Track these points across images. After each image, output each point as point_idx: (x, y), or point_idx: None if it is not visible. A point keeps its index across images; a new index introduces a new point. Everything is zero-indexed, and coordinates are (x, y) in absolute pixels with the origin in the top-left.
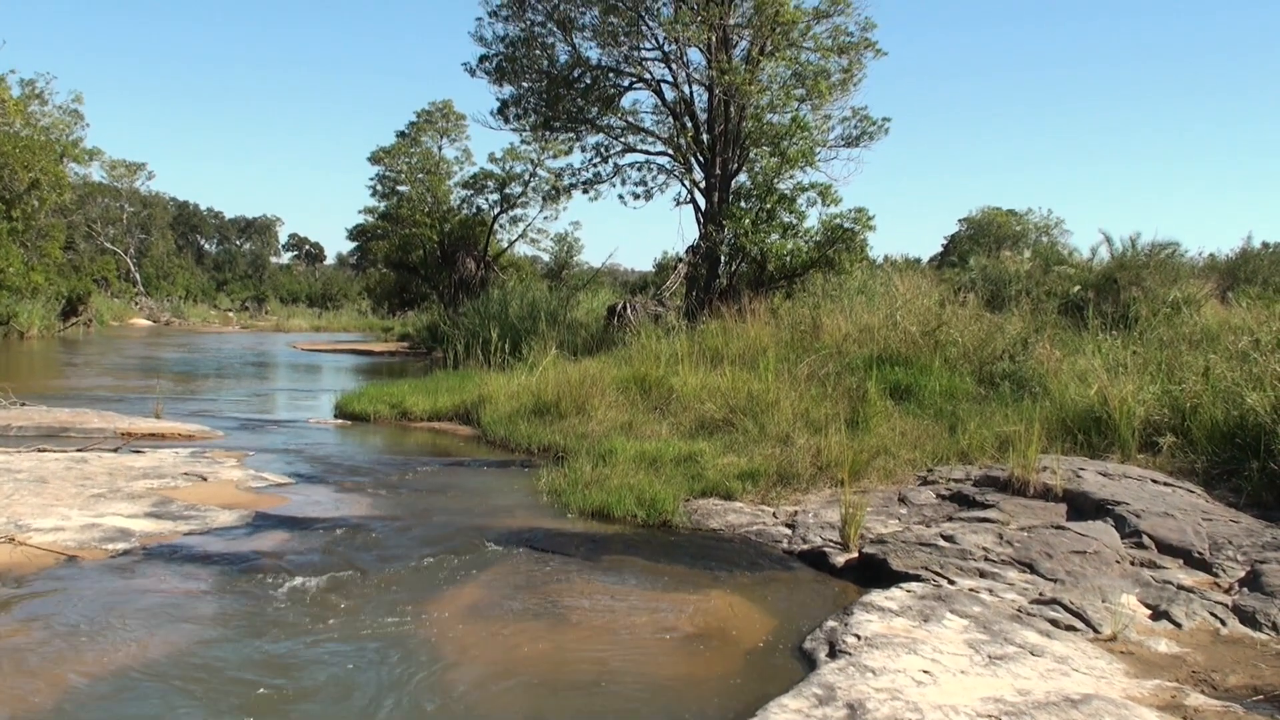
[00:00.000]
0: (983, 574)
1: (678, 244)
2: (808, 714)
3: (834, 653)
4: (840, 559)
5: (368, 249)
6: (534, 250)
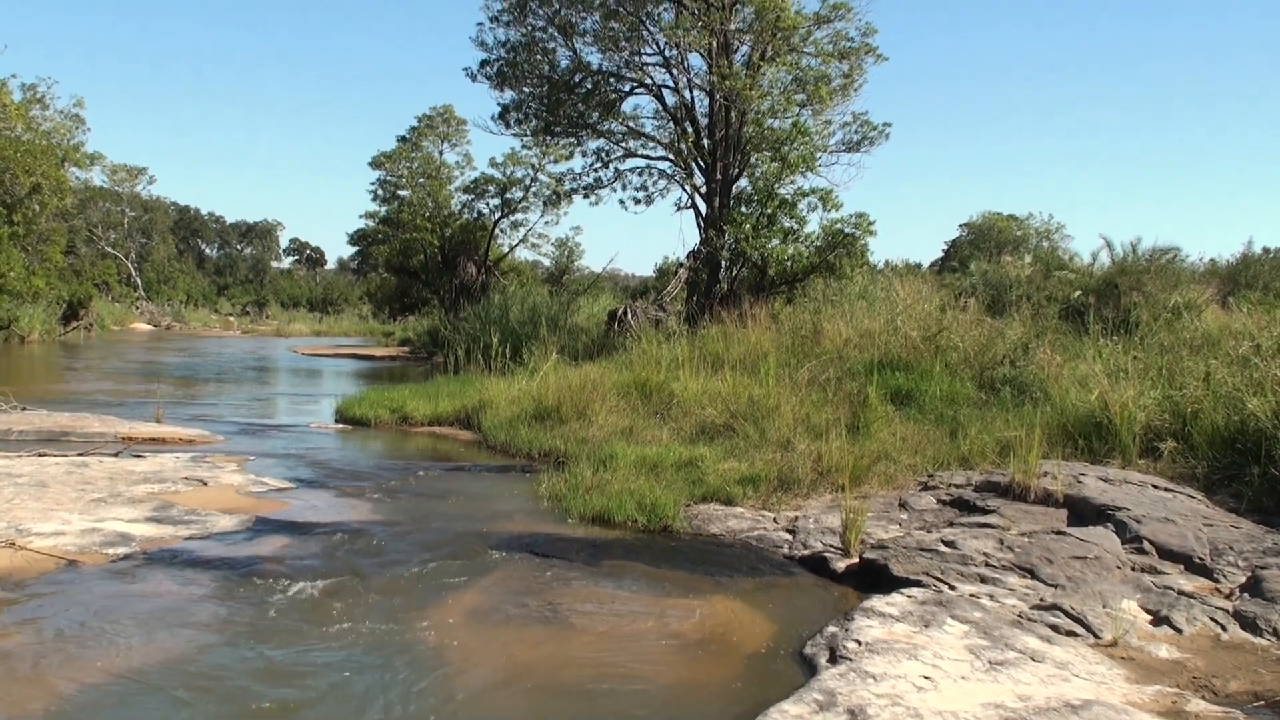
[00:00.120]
0: (983, 579)
1: (678, 249)
2: None
3: (835, 658)
4: (841, 564)
5: (368, 254)
6: (535, 255)
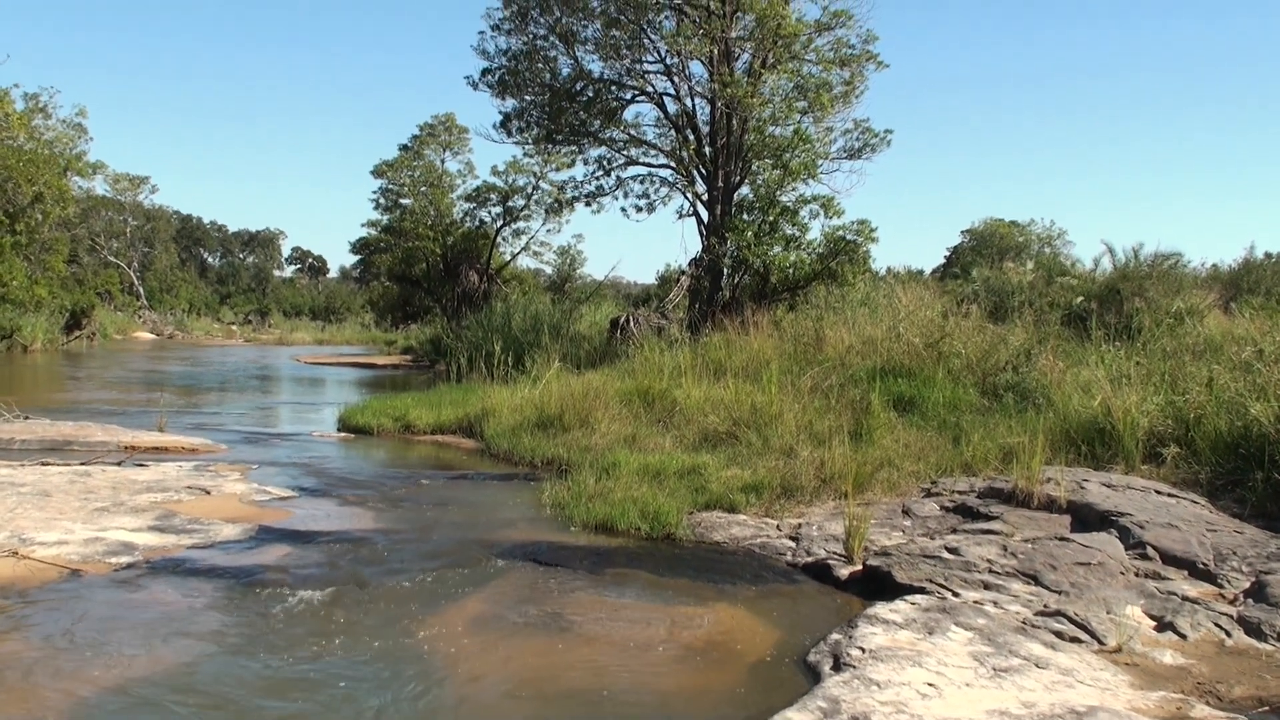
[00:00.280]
0: (987, 586)
1: (680, 257)
2: None
3: (838, 665)
4: (844, 571)
5: (371, 262)
6: (537, 263)
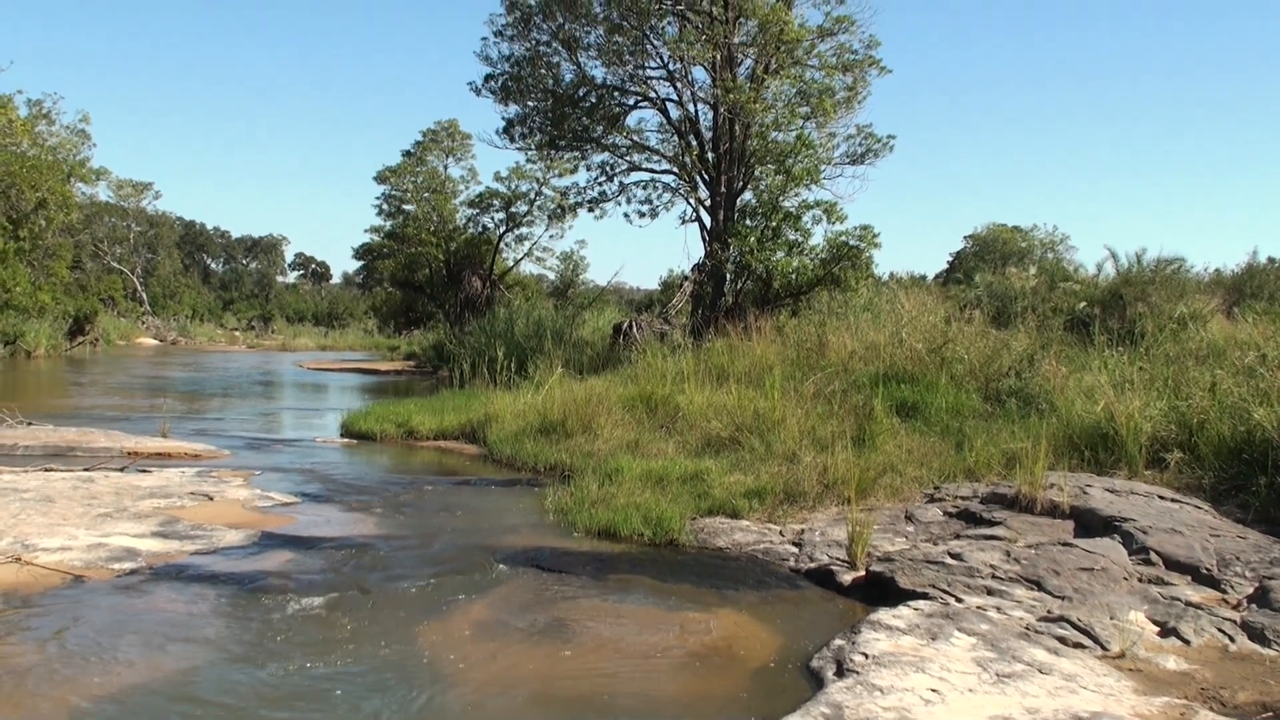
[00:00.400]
0: (990, 591)
1: (683, 262)
2: None
3: (842, 671)
4: (847, 577)
5: (374, 268)
6: (540, 269)
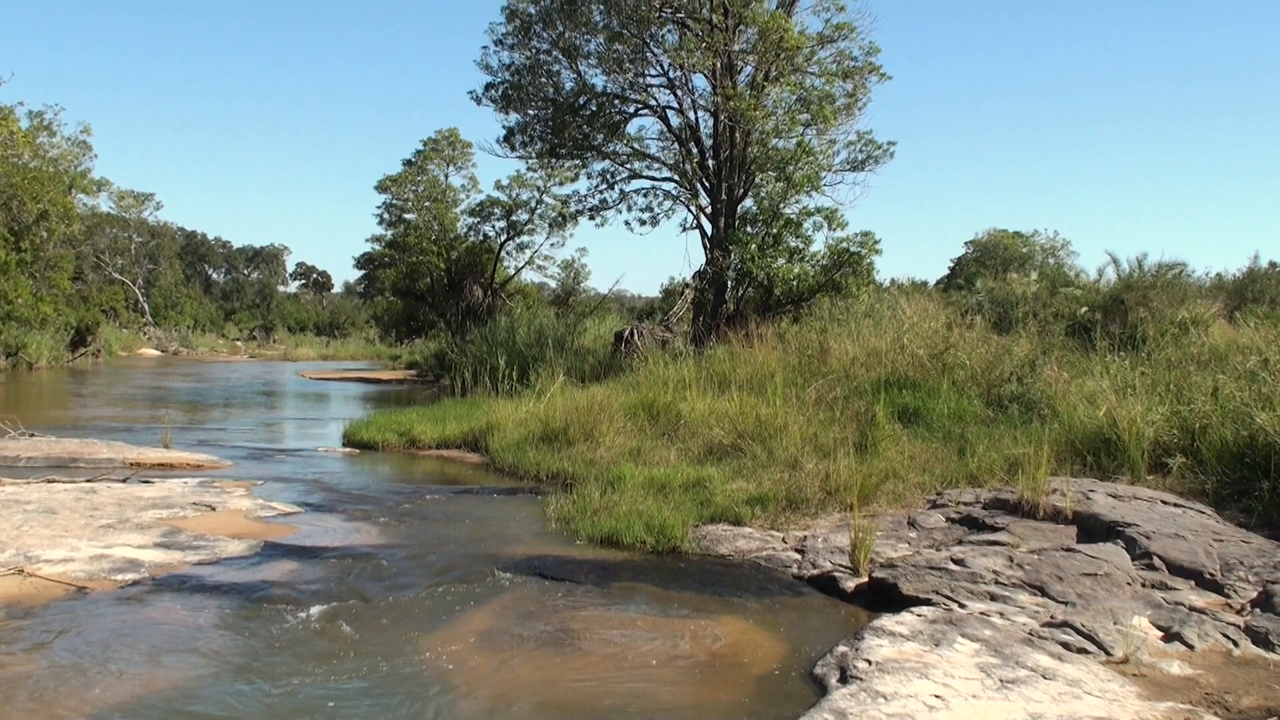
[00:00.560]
0: (993, 597)
1: (684, 269)
2: None
3: (845, 678)
4: (850, 584)
5: (375, 277)
6: (541, 277)
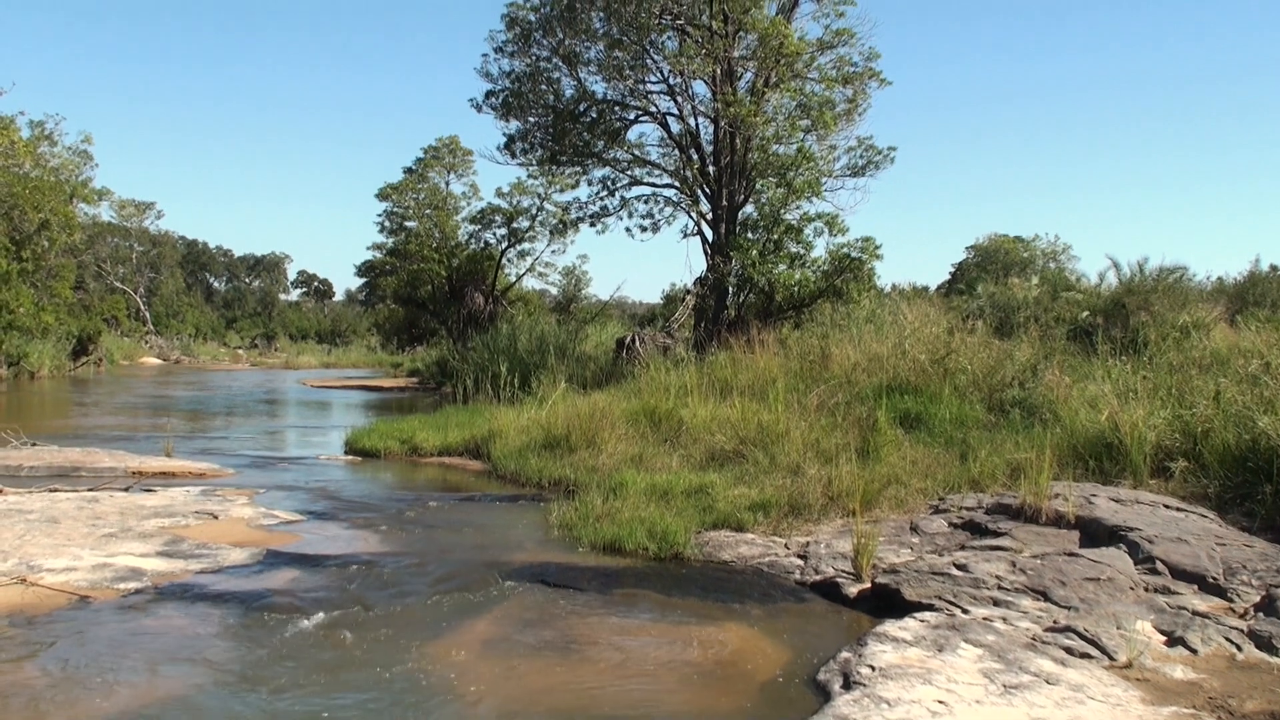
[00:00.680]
0: (996, 602)
1: (685, 276)
2: None
3: (848, 684)
4: (853, 589)
5: (376, 285)
6: (542, 284)
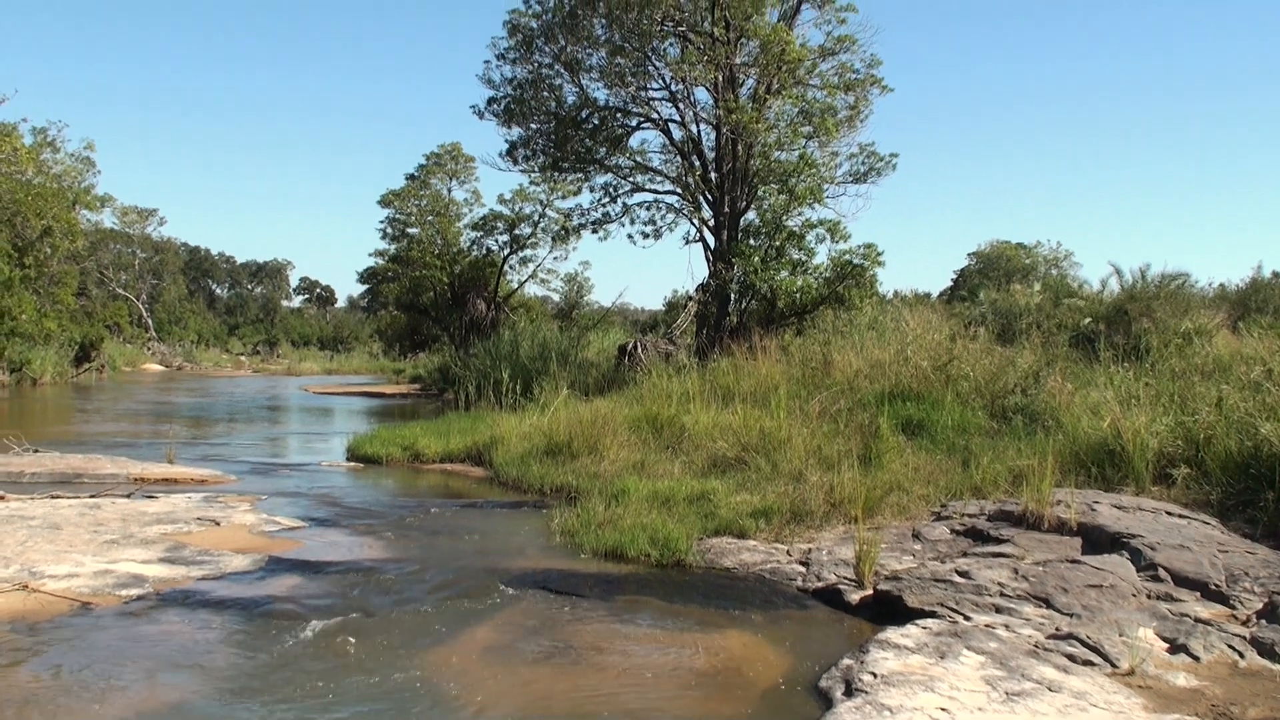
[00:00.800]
0: (998, 609)
1: (687, 282)
2: None
3: (850, 691)
4: (855, 596)
5: (378, 291)
6: (544, 290)
